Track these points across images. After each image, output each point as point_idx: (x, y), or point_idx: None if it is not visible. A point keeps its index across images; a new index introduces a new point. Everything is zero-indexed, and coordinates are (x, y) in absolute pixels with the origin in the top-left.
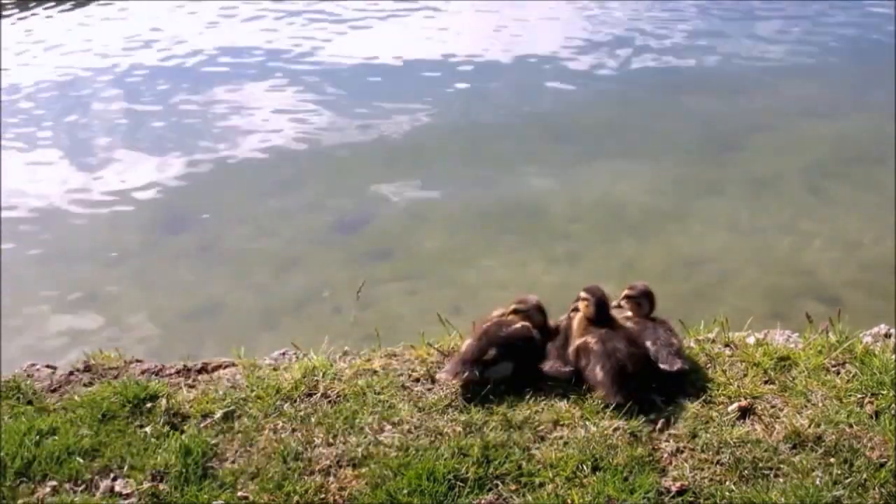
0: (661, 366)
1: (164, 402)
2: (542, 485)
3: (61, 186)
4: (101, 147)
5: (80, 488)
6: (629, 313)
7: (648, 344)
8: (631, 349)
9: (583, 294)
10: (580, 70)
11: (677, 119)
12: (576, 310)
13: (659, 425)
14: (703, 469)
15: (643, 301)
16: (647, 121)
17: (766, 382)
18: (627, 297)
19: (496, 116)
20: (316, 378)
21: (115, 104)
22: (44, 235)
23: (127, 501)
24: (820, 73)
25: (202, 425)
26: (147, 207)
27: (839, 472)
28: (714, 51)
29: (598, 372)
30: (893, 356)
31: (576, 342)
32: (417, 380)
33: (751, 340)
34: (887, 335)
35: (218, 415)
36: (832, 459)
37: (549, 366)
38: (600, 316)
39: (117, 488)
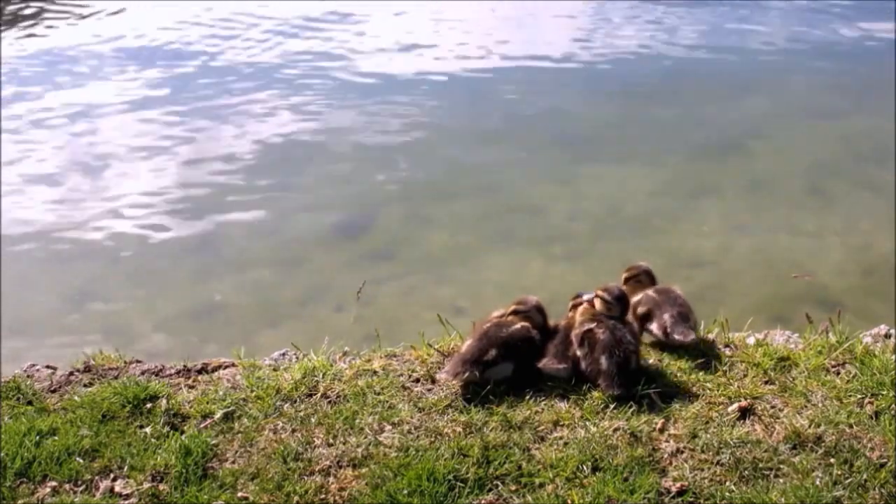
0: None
1: (164, 402)
2: (542, 485)
3: (62, 186)
4: (102, 146)
5: (80, 489)
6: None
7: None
8: (636, 343)
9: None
10: (580, 70)
11: (678, 120)
12: (575, 308)
13: (659, 425)
14: (703, 469)
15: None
16: (648, 121)
17: (766, 383)
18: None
19: (496, 117)
20: (316, 378)
21: (116, 101)
22: (44, 235)
23: (127, 502)
24: (820, 74)
25: (202, 426)
26: (147, 207)
27: (839, 472)
28: (714, 51)
29: (602, 360)
30: (893, 356)
31: (583, 327)
32: (417, 380)
33: (751, 341)
34: (887, 335)
35: (218, 415)
36: (832, 460)
37: (543, 362)
38: (623, 312)
39: (117, 489)
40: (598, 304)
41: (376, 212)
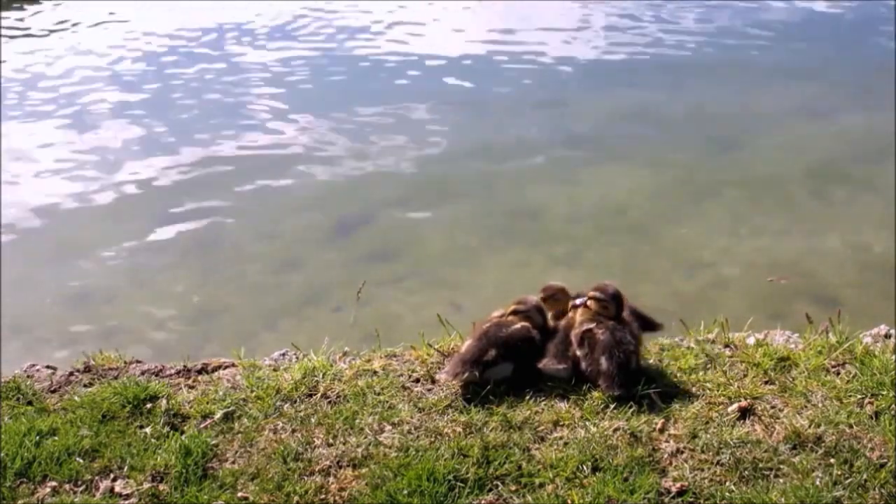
0: None
1: (164, 402)
2: (542, 485)
3: (62, 186)
4: (102, 146)
5: (80, 489)
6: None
7: None
8: (636, 343)
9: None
10: (579, 70)
11: (677, 120)
12: (575, 307)
13: (659, 425)
14: (703, 469)
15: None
16: (647, 121)
17: (766, 383)
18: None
19: (495, 117)
20: (316, 378)
21: (116, 103)
22: (44, 235)
23: (127, 502)
24: (820, 73)
25: (202, 426)
26: (147, 207)
27: (839, 472)
28: (713, 51)
29: (602, 361)
30: (893, 357)
31: (583, 327)
32: (417, 380)
33: (751, 341)
34: (887, 336)
35: (218, 415)
36: (832, 460)
37: (543, 363)
38: (618, 311)
39: (117, 489)
40: (592, 304)
41: (376, 212)
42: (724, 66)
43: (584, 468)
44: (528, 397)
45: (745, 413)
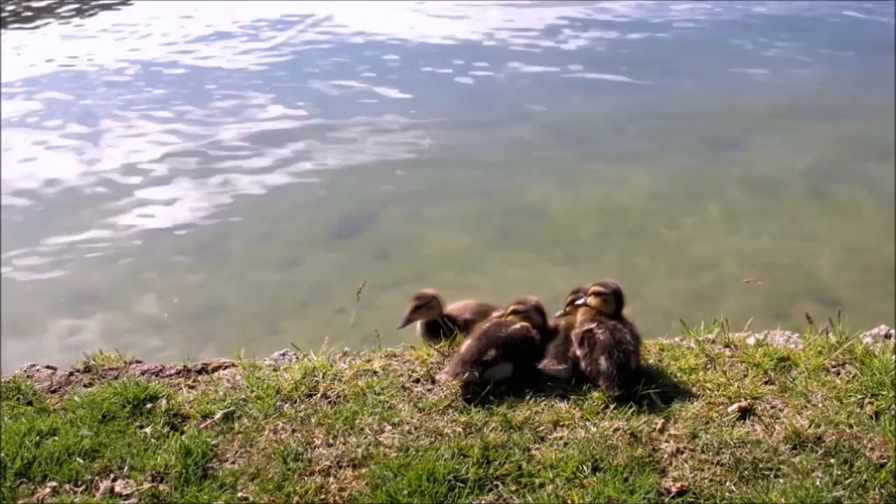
0: None
1: (164, 402)
2: (542, 485)
3: (62, 186)
4: (102, 147)
5: (80, 489)
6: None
7: None
8: (636, 343)
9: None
10: (579, 71)
11: (677, 120)
12: (575, 307)
13: (659, 425)
14: (703, 470)
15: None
16: (648, 122)
17: (766, 383)
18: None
19: (497, 118)
20: (316, 379)
21: (116, 104)
22: (44, 235)
23: (127, 502)
24: (820, 73)
25: (202, 426)
26: (147, 207)
27: (839, 472)
28: (713, 51)
29: (601, 361)
30: (893, 357)
31: (583, 327)
32: (417, 380)
33: (751, 341)
34: (887, 336)
35: (218, 415)
36: (832, 460)
37: (543, 363)
38: (618, 308)
39: (117, 489)
40: (592, 300)
41: (376, 212)
42: (725, 66)
43: (584, 468)
44: (528, 397)
45: (745, 413)
